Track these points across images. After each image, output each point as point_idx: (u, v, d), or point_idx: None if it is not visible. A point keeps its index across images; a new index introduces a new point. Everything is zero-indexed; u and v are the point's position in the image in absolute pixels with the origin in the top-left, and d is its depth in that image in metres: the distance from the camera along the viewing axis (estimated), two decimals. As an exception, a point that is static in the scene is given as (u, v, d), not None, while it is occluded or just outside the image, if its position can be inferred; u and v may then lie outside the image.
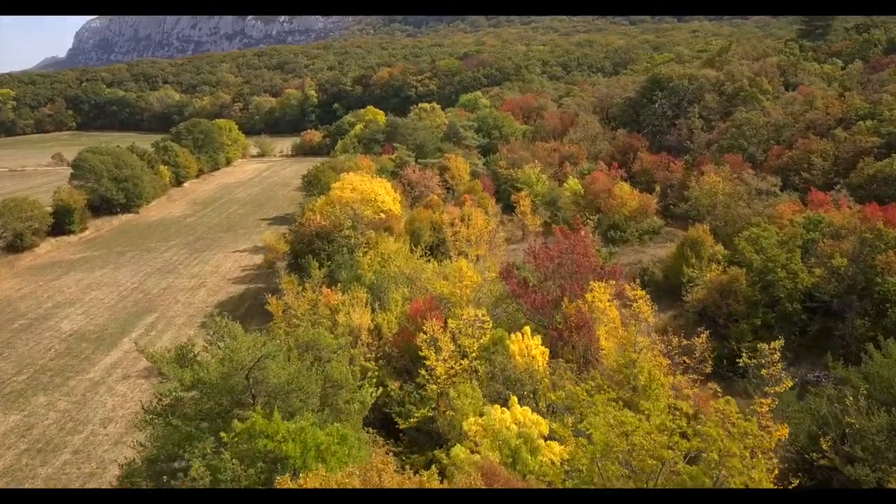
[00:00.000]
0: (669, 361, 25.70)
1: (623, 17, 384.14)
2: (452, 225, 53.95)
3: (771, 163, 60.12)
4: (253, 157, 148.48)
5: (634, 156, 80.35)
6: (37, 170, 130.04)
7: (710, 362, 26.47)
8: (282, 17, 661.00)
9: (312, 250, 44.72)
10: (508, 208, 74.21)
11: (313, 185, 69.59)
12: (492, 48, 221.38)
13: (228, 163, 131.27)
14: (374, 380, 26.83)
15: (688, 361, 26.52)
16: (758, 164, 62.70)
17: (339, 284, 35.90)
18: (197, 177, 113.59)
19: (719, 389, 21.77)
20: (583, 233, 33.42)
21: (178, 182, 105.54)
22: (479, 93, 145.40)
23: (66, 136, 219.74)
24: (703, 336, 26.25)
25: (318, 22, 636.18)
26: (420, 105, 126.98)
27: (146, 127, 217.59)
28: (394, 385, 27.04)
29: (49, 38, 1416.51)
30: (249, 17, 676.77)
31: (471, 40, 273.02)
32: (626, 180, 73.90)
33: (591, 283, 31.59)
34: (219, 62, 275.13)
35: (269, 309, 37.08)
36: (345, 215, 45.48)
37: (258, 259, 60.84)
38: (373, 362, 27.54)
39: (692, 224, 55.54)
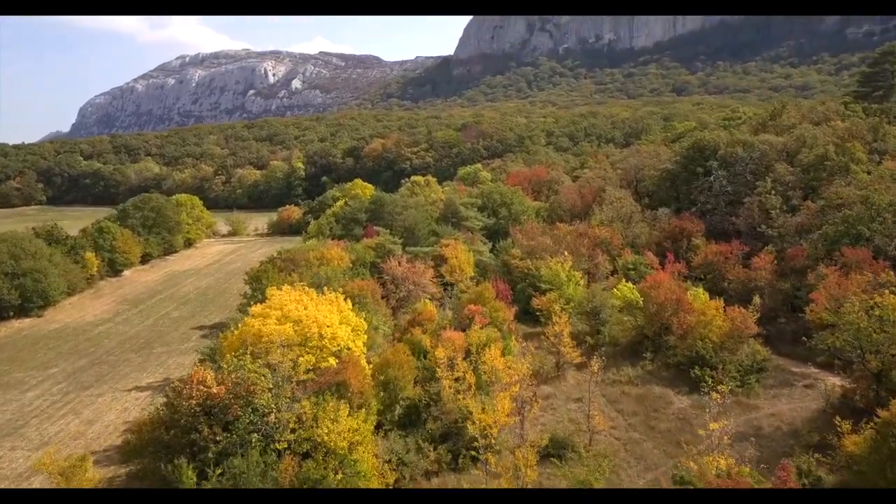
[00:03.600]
0: None
1: (621, 90, 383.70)
2: (452, 368, 33.68)
3: (918, 261, 40.79)
4: (223, 236, 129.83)
5: (688, 244, 61.45)
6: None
7: None
8: (281, 93, 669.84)
9: (192, 443, 24.05)
10: (525, 313, 54.44)
11: (256, 289, 49.49)
12: (491, 119, 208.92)
13: (189, 244, 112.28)
14: None
15: None
16: (891, 262, 43.46)
17: None
18: (143, 262, 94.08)
19: None
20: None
21: (116, 271, 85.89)
22: (479, 165, 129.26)
23: (33, 210, 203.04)
24: None
25: (317, 97, 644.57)
26: (413, 178, 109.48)
27: (122, 200, 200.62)
28: None
29: (54, 114, 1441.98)
30: (250, 92, 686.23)
31: (468, 113, 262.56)
32: (685, 278, 54.77)
33: None
34: (206, 134, 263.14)
35: None
36: (258, 374, 25.14)
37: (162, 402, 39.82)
38: None
39: (844, 366, 35.46)
